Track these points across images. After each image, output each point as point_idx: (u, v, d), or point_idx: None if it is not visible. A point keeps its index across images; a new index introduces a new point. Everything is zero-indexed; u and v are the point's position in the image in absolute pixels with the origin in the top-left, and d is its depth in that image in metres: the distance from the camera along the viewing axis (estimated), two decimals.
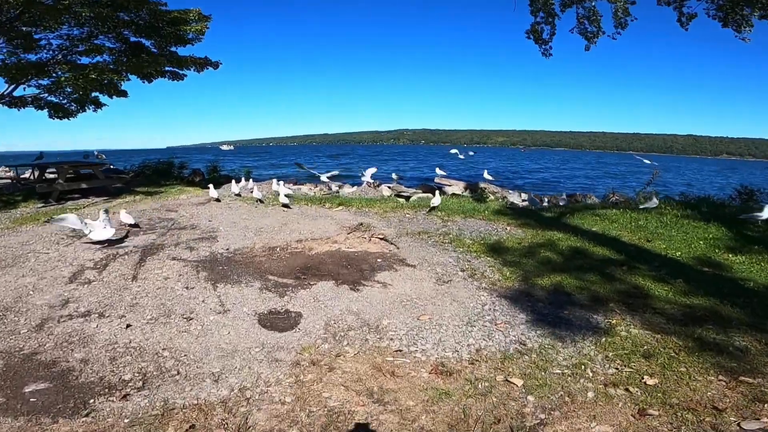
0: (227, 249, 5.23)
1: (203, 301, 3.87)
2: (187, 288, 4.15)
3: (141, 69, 9.42)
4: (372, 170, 10.12)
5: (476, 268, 4.35)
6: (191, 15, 10.59)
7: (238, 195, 9.17)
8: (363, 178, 9.90)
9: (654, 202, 6.59)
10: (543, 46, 12.26)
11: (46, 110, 12.04)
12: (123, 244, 5.54)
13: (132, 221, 6.38)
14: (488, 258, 4.59)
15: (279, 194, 7.88)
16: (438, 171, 11.40)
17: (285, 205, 7.66)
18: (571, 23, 12.17)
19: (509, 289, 3.92)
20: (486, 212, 6.46)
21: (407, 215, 6.41)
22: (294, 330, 3.37)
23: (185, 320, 3.53)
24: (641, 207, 6.63)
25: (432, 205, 6.71)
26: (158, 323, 3.48)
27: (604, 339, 3.08)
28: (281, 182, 9.59)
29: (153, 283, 4.29)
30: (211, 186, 8.42)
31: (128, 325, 3.42)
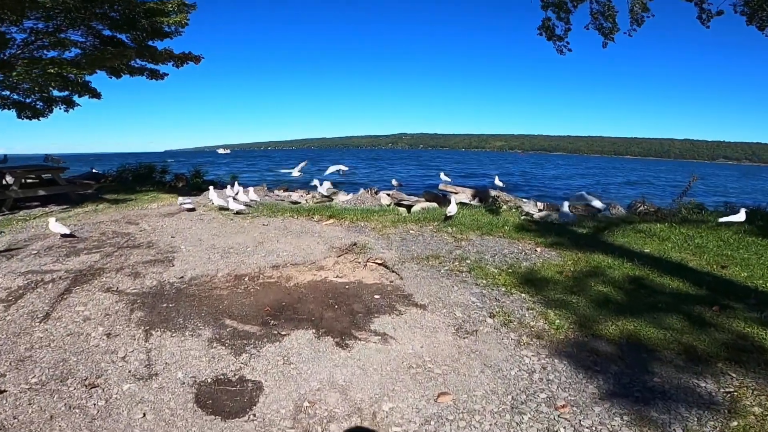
0: (182, 277, 4.08)
1: (124, 357, 2.75)
2: (108, 335, 3.03)
3: (103, 62, 8.26)
4: (339, 168, 9.94)
5: (510, 310, 3.20)
6: (170, 6, 9.48)
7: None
8: (326, 173, 9.92)
9: (740, 216, 5.41)
10: (558, 43, 11.28)
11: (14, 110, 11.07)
12: (53, 269, 4.39)
13: (66, 231, 5.34)
14: (523, 294, 3.44)
15: (229, 201, 7.13)
16: (442, 177, 10.26)
17: (238, 212, 6.84)
18: (584, 19, 11.23)
19: (563, 344, 2.78)
20: (506, 228, 5.31)
21: (411, 231, 5.26)
22: (246, 416, 2.24)
23: (85, 389, 2.44)
24: (721, 221, 5.47)
25: (448, 214, 5.59)
26: (44, 391, 2.40)
27: (734, 422, 2.03)
28: (250, 188, 8.70)
29: (66, 325, 3.18)
30: (180, 196, 7.27)
31: None
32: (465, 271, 3.88)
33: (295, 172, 9.88)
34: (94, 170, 16.16)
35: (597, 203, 7.39)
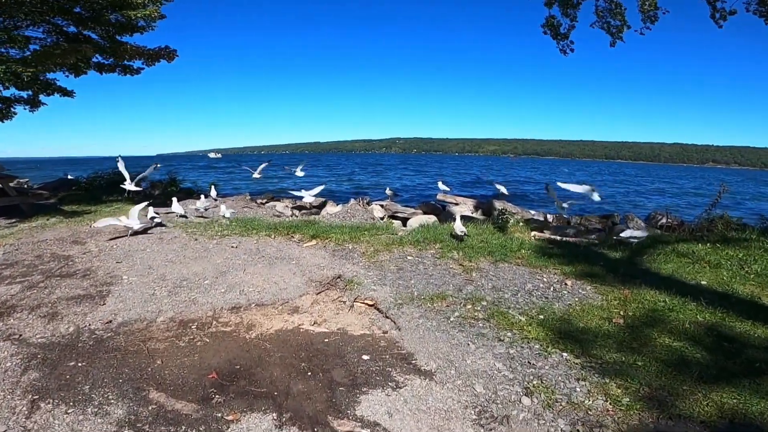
0: (109, 321, 3.13)
1: None
2: None
3: (52, 59, 7.29)
4: (293, 170, 8.97)
5: (553, 382, 2.28)
6: None
7: (184, 216, 7.06)
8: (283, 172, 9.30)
9: None
10: (561, 42, 10.63)
11: None
12: None
13: None
14: (565, 354, 2.53)
15: (124, 218, 5.97)
16: (441, 186, 9.32)
17: (134, 233, 5.74)
18: (584, 18, 10.63)
19: None
20: (523, 251, 4.39)
21: (409, 257, 4.32)
22: None
23: None
24: None
25: (458, 233, 4.67)
26: None
27: None
28: (221, 203, 7.73)
29: None
30: (134, 210, 6.26)
31: None
32: (482, 318, 2.96)
33: (256, 174, 9.23)
34: (68, 176, 15.06)
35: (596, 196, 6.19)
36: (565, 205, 5.62)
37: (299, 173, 9.16)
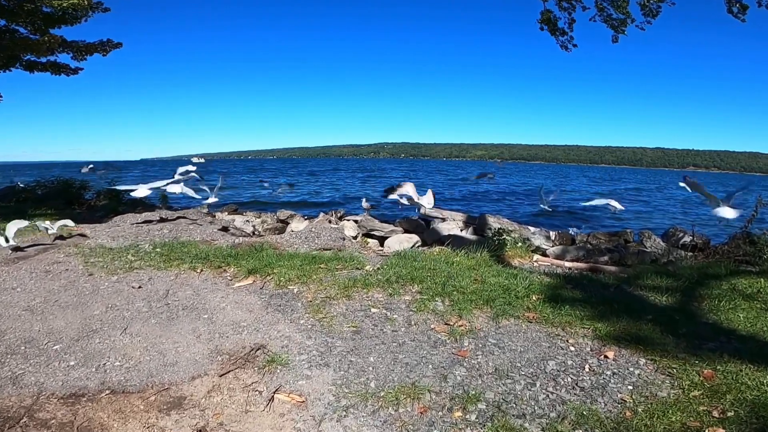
0: None
1: None
2: None
3: None
4: (187, 168, 8.22)
5: None
6: None
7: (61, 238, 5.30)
8: (176, 175, 8.17)
9: None
10: (561, 38, 9.78)
11: None
12: None
13: None
14: None
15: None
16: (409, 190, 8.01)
17: None
18: (584, 13, 9.82)
19: None
20: (533, 296, 3.08)
21: (373, 309, 2.98)
22: None
23: None
24: None
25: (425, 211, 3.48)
26: None
27: None
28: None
29: None
30: (9, 227, 4.73)
31: None
32: None
33: (177, 176, 8.60)
34: (18, 184, 13.44)
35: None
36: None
37: (192, 168, 8.69)
